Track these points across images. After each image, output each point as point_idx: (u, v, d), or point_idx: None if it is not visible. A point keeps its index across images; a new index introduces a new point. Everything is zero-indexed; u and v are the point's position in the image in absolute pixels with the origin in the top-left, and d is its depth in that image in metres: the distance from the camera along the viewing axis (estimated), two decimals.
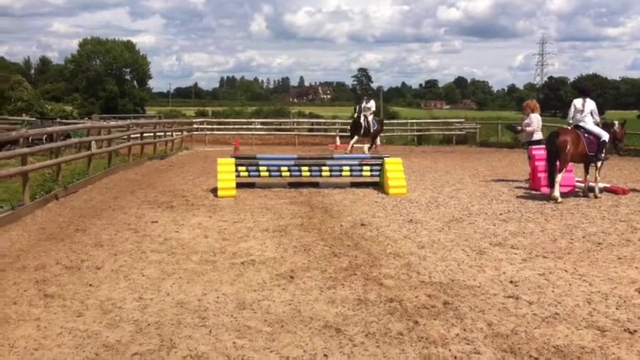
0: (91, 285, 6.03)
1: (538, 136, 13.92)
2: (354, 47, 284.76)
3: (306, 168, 13.04)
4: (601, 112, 13.84)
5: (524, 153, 15.27)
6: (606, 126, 12.21)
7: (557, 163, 11.28)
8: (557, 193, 11.25)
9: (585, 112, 11.75)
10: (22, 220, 9.19)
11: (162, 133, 24.78)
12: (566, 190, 12.01)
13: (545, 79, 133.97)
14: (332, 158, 14.31)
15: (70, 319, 5.10)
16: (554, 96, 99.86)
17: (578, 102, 11.93)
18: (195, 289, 5.93)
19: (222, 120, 39.56)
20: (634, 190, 12.73)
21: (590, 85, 14.15)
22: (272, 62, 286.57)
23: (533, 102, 14.67)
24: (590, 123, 11.73)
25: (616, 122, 12.66)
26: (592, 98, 12.09)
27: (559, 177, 11.31)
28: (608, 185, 12.83)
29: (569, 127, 12.14)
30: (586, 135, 11.61)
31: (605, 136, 11.68)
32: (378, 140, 24.98)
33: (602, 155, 11.81)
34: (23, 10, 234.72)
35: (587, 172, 12.04)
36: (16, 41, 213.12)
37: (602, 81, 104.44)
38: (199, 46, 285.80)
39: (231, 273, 6.49)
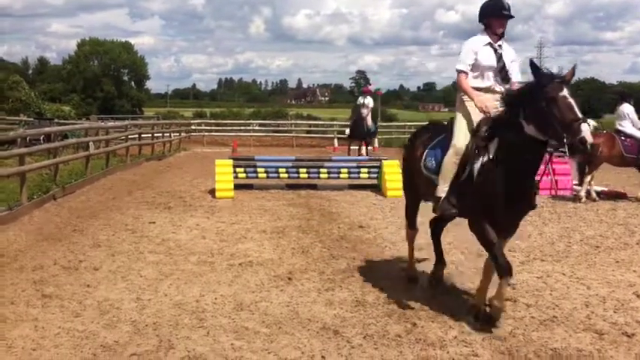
0: (88, 285, 6.03)
1: None
2: (352, 50, 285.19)
3: (304, 170, 13.04)
4: (598, 115, 13.75)
5: None
6: None
7: (587, 166, 11.66)
8: (583, 193, 11.66)
9: (622, 116, 12.09)
10: (20, 221, 9.16)
11: (160, 134, 24.76)
12: (566, 193, 12.17)
13: None
14: (330, 160, 14.32)
15: (68, 319, 5.09)
16: None
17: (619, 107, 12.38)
18: (193, 290, 5.92)
19: (220, 121, 39.37)
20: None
21: (628, 92, 14.25)
22: (270, 64, 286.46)
23: None
24: (628, 126, 12.02)
25: None
26: (629, 103, 12.40)
27: (588, 178, 11.71)
28: (605, 189, 12.85)
29: (604, 131, 12.48)
30: (622, 138, 11.93)
31: None
32: (375, 142, 24.85)
33: None
34: (23, 10, 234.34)
35: None
36: (15, 41, 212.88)
37: (600, 85, 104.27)
38: (198, 48, 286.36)
39: (229, 274, 6.49)
